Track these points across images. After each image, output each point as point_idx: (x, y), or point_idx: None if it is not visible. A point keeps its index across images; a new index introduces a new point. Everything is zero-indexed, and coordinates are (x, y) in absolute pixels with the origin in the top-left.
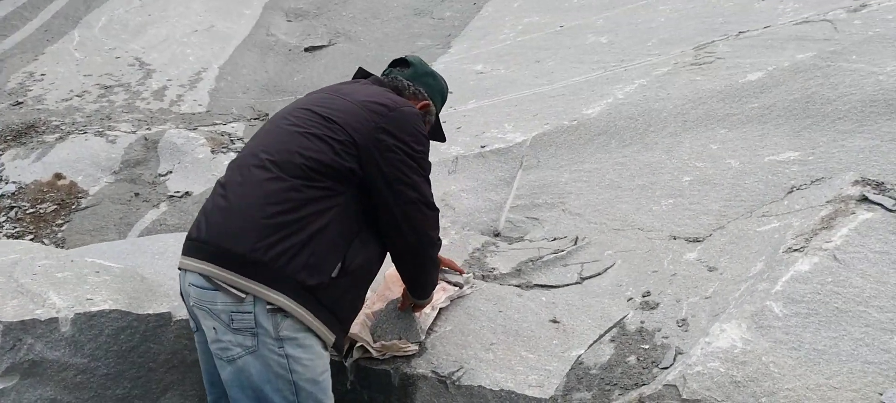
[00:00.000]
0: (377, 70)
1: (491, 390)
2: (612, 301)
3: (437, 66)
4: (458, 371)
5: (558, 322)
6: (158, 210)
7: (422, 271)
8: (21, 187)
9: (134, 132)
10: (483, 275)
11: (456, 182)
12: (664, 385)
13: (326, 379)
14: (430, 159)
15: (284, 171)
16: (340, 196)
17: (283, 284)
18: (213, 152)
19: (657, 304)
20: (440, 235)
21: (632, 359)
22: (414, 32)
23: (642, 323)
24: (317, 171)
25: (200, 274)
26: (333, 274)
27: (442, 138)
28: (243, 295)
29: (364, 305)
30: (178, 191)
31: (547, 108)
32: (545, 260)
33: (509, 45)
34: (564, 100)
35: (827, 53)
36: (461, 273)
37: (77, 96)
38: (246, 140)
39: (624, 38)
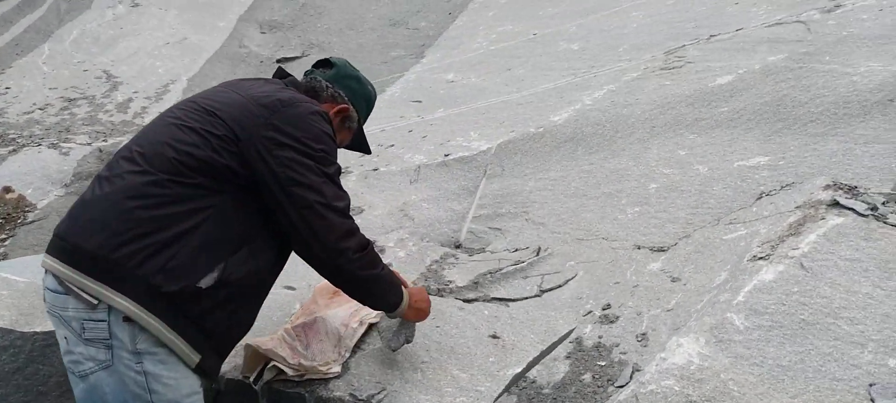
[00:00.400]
0: None
1: None
2: (567, 314)
3: (410, 76)
4: (379, 393)
5: (498, 337)
6: None
7: (355, 287)
8: None
9: (89, 144)
10: (438, 289)
11: (417, 192)
12: None
13: None
14: (339, 163)
15: (151, 165)
16: (217, 195)
17: (132, 287)
18: None
19: (617, 317)
20: (397, 246)
21: (587, 377)
22: (388, 43)
23: (600, 337)
24: (188, 166)
25: (53, 275)
26: (202, 284)
27: (366, 149)
28: (95, 302)
29: (289, 319)
30: None
31: (514, 116)
32: (505, 272)
33: (482, 53)
34: (532, 107)
35: (799, 55)
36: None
37: (39, 109)
38: None
39: (595, 44)
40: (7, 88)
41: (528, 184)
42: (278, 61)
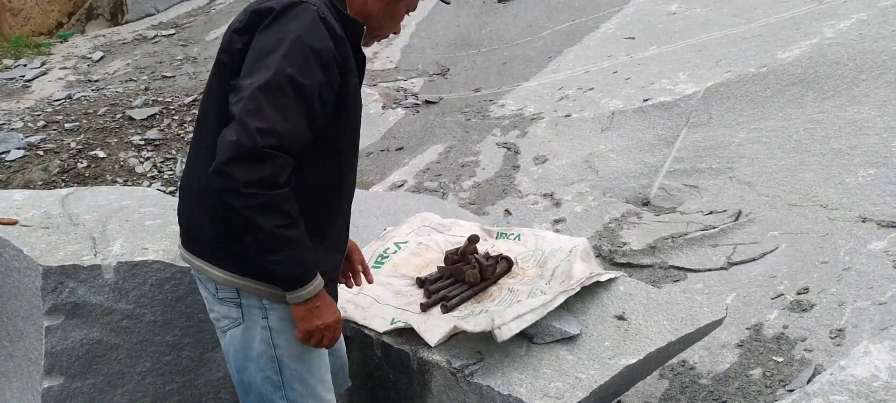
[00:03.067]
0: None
1: (499, 392)
2: (751, 296)
3: (628, 9)
4: (474, 363)
5: (624, 319)
6: None
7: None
8: None
9: None
10: (610, 251)
11: (607, 141)
12: None
13: (317, 358)
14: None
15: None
16: None
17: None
18: (383, 108)
19: (811, 306)
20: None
21: (756, 373)
22: None
23: (785, 328)
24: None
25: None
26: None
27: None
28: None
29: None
30: None
31: (733, 53)
32: (690, 238)
33: None
34: (758, 42)
35: None
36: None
37: None
38: (420, 94)
39: None
40: None
41: (739, 135)
42: (500, 0)
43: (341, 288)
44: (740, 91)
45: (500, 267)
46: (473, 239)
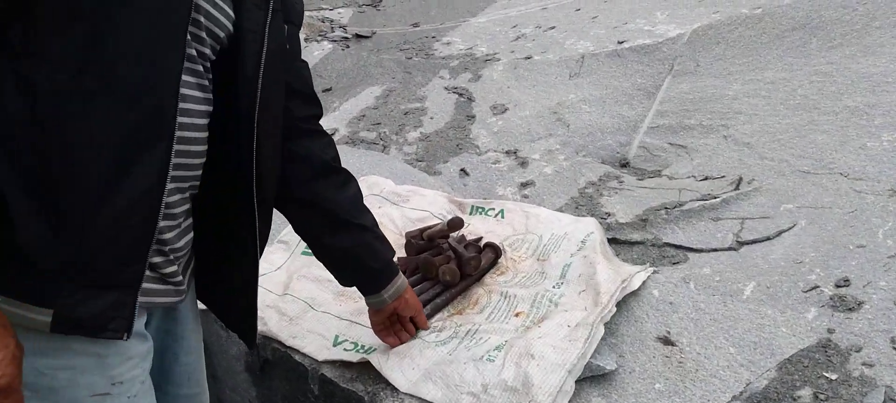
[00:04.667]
0: None
1: None
2: (776, 287)
3: None
4: None
5: (673, 343)
6: None
7: None
8: None
9: None
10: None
11: (577, 89)
12: None
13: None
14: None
15: None
16: None
17: None
18: (306, 40)
19: (859, 303)
20: None
21: (805, 394)
22: None
23: (830, 333)
24: None
25: None
26: None
27: None
28: None
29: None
30: None
31: None
32: (687, 210)
33: None
34: None
35: None
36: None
37: None
38: (348, 27)
39: None
40: None
41: (732, 87)
42: None
43: (270, 285)
44: (732, 35)
45: (484, 258)
46: (456, 224)
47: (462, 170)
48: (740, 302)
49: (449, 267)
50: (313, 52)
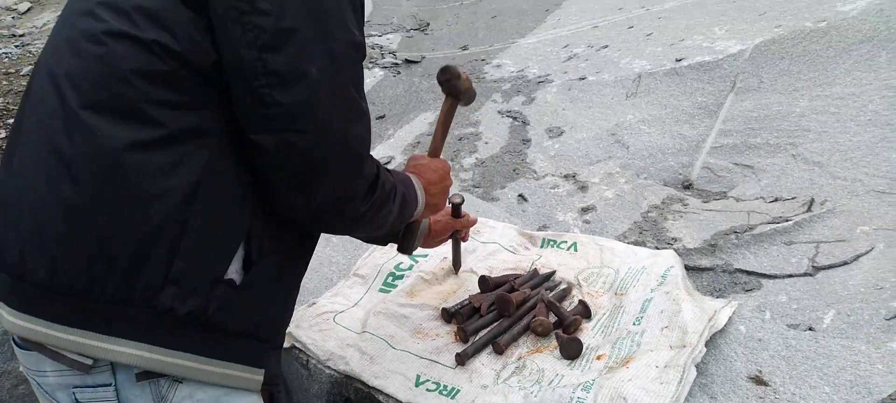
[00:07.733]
0: None
1: None
2: (857, 315)
3: None
4: None
5: (766, 384)
6: None
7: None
8: None
9: None
10: (656, 248)
11: (635, 109)
12: None
13: None
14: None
15: None
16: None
17: (135, 324)
18: None
19: None
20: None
21: None
22: None
23: None
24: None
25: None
26: (231, 275)
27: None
28: (89, 361)
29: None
30: None
31: (781, 4)
32: (758, 234)
33: None
34: None
35: None
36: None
37: None
38: (398, 52)
39: None
40: None
41: (799, 104)
42: None
43: (349, 322)
44: (796, 50)
45: (574, 319)
46: (456, 201)
47: (520, 195)
48: (831, 337)
49: (541, 321)
50: (365, 80)
